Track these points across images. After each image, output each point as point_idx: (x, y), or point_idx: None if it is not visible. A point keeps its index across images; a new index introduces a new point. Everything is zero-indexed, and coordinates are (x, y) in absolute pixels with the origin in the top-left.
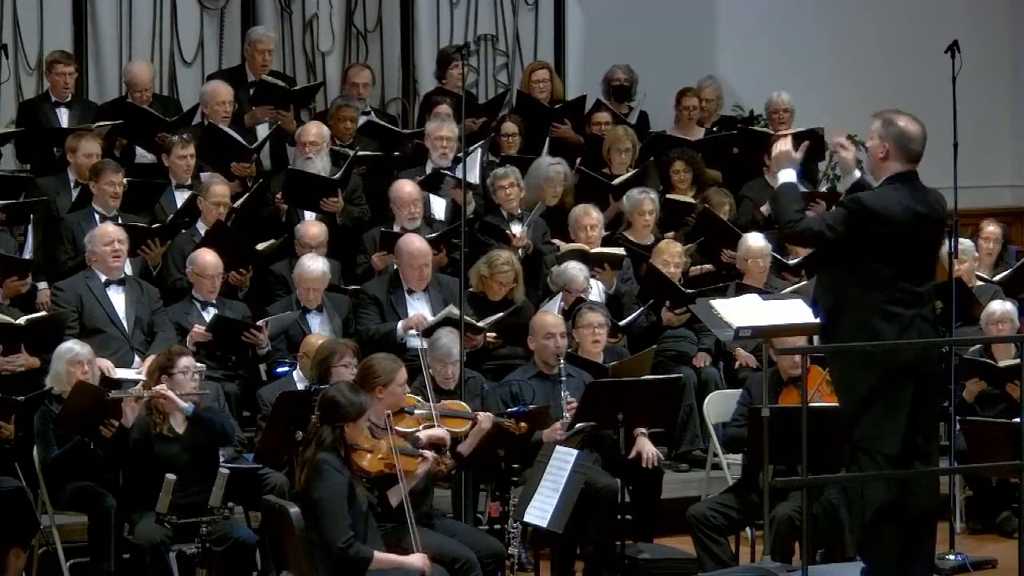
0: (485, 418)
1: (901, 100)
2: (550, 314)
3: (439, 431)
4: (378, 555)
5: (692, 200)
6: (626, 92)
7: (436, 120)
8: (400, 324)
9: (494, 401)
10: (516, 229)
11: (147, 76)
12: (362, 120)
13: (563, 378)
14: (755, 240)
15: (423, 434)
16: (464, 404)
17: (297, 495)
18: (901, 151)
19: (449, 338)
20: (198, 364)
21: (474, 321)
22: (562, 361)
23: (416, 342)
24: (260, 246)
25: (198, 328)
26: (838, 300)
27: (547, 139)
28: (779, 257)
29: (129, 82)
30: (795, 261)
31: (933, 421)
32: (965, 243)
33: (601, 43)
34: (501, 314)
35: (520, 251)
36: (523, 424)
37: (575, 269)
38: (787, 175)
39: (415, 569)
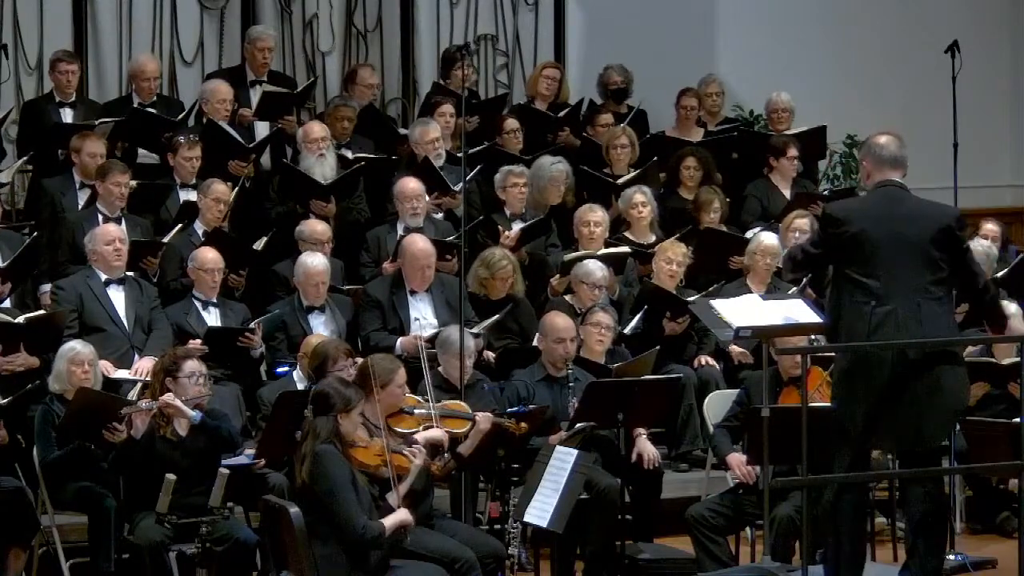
0: (484, 418)
1: (901, 100)
2: (561, 316)
3: (436, 432)
4: (385, 523)
5: (689, 199)
6: (623, 93)
7: (420, 124)
8: (399, 343)
9: (499, 399)
10: (516, 226)
11: (155, 66)
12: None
13: (571, 384)
14: (768, 238)
15: (420, 436)
16: (464, 404)
17: (297, 492)
18: (875, 161)
19: (458, 332)
20: (202, 368)
21: (469, 331)
22: (570, 366)
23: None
24: (257, 245)
25: (194, 343)
26: (829, 301)
27: (550, 149)
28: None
29: (136, 72)
30: None
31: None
32: (985, 245)
33: (601, 43)
34: (496, 316)
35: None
36: (523, 424)
37: (592, 264)
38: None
39: (405, 522)
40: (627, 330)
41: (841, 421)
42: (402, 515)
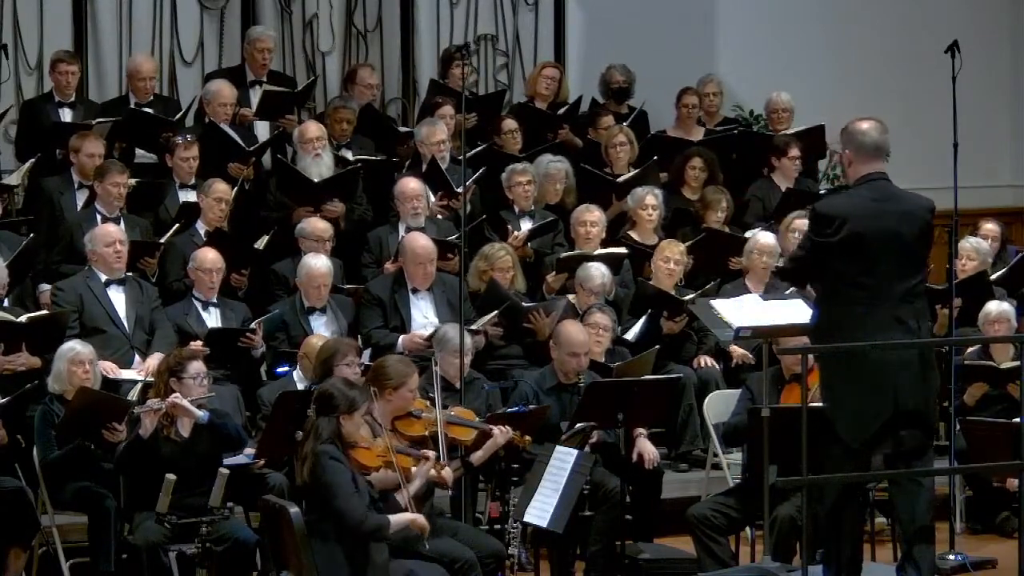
0: (501, 433)
1: (901, 100)
2: (578, 328)
3: (447, 473)
4: (391, 519)
5: (692, 199)
6: (625, 93)
7: (427, 124)
8: (400, 342)
9: (496, 399)
10: (525, 226)
11: (151, 66)
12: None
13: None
14: (765, 237)
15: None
16: (472, 412)
17: (298, 491)
18: (857, 149)
19: (455, 331)
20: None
21: (467, 328)
22: (582, 378)
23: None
24: (259, 244)
25: (195, 344)
26: (819, 300)
27: (547, 145)
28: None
29: (133, 72)
30: None
31: (914, 424)
32: (974, 241)
33: (601, 43)
34: (494, 312)
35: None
36: (527, 438)
37: (594, 269)
38: None
39: (415, 524)
40: (629, 336)
41: (833, 423)
42: (411, 516)
